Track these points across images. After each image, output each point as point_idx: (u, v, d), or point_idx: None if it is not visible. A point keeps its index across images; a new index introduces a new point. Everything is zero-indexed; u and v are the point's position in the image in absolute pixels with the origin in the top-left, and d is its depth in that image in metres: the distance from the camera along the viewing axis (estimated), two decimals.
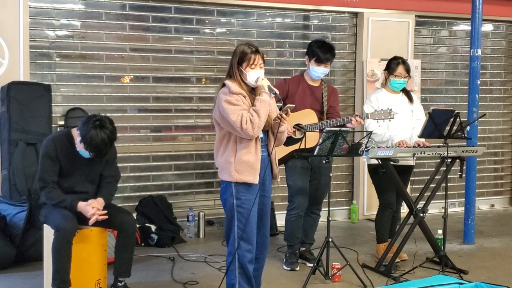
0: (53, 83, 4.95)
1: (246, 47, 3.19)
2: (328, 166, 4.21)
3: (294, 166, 4.25)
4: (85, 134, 3.40)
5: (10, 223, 4.30)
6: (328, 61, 4.25)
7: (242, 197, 3.16)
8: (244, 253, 3.19)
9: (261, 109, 3.07)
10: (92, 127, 3.39)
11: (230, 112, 3.07)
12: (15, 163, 4.46)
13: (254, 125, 3.04)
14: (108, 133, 3.41)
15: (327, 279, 3.99)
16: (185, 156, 5.55)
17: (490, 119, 6.66)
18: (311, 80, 4.32)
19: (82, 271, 3.57)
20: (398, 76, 4.38)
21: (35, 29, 4.91)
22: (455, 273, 4.14)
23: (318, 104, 4.28)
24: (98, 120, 3.42)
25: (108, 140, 3.42)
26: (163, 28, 5.40)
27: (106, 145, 3.43)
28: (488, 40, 6.71)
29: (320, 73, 4.26)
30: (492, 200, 6.86)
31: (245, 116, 3.04)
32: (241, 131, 3.06)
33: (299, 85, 4.28)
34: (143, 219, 5.03)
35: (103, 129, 3.40)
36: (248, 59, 3.16)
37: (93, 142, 3.38)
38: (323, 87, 4.33)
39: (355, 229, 5.69)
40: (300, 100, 4.19)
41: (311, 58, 4.24)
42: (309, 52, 4.27)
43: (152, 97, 5.39)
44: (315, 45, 4.26)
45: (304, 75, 4.36)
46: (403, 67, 4.38)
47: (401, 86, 4.43)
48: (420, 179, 5.50)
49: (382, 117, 4.08)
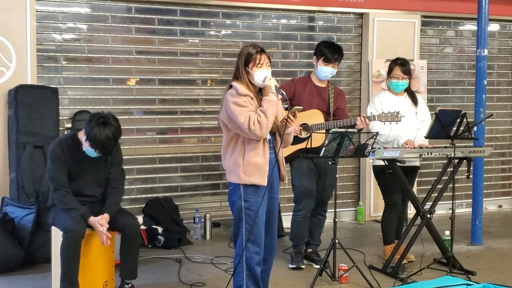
0: (60, 86, 4.98)
1: (251, 48, 3.20)
2: (333, 167, 4.21)
3: (300, 167, 4.25)
4: (89, 132, 3.44)
5: (18, 225, 4.32)
6: (336, 61, 4.25)
7: (251, 199, 3.16)
8: (252, 255, 3.19)
9: (268, 109, 3.07)
10: (96, 124, 3.43)
11: (238, 114, 3.07)
12: (23, 165, 4.49)
13: (262, 125, 3.04)
14: (112, 130, 3.46)
15: (334, 281, 3.99)
16: (191, 158, 5.56)
17: (497, 119, 6.62)
18: (318, 81, 4.32)
19: (90, 273, 3.58)
20: (395, 78, 4.37)
21: (42, 32, 4.94)
22: (463, 274, 4.12)
23: (325, 105, 4.28)
24: (101, 117, 3.47)
25: (113, 136, 3.46)
26: (168, 30, 5.41)
27: (111, 141, 3.46)
28: (494, 40, 6.67)
29: (328, 73, 4.26)
30: (500, 200, 6.81)
31: (253, 117, 3.04)
32: (249, 132, 3.06)
33: (306, 86, 4.28)
34: (150, 221, 5.04)
35: (107, 126, 3.44)
36: (254, 59, 3.17)
37: (97, 139, 3.42)
38: (330, 89, 4.33)
39: (361, 231, 5.67)
40: (307, 101, 4.20)
41: (319, 58, 4.25)
42: (318, 52, 4.28)
43: (158, 99, 5.41)
44: (324, 45, 4.27)
45: (311, 76, 4.36)
46: (400, 68, 4.36)
47: (399, 87, 4.40)
48: (427, 180, 5.48)
49: (389, 119, 4.08)
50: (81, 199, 3.62)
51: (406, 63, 4.40)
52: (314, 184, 4.31)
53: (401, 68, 4.36)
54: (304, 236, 4.38)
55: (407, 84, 4.42)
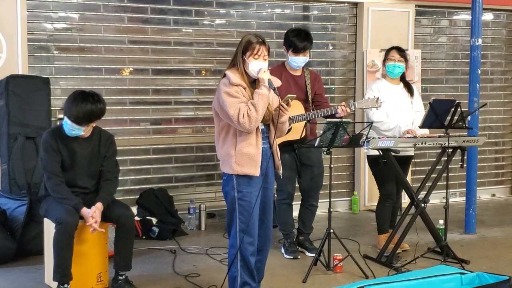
0: (52, 76, 4.93)
1: (253, 37, 3.17)
2: (318, 155, 4.21)
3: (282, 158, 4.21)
4: (69, 107, 3.45)
5: (10, 217, 4.29)
6: (306, 49, 4.18)
7: (244, 190, 3.15)
8: (246, 246, 3.19)
9: (259, 103, 3.05)
10: (73, 98, 3.47)
11: (229, 105, 3.05)
12: (15, 157, 4.45)
13: (251, 119, 3.02)
14: (90, 98, 3.48)
15: (329, 270, 3.99)
16: (185, 149, 5.54)
17: (491, 109, 6.63)
18: (292, 70, 4.28)
19: (83, 265, 3.57)
20: (391, 60, 4.36)
21: (33, 22, 4.88)
22: (457, 263, 4.14)
23: (303, 93, 4.25)
24: (78, 91, 3.52)
25: (91, 97, 3.48)
26: (162, 20, 5.36)
27: (91, 106, 3.46)
28: (488, 29, 6.66)
29: (300, 63, 4.22)
30: (493, 189, 6.85)
31: (243, 110, 3.03)
32: (238, 125, 3.05)
33: (281, 76, 4.18)
34: (144, 212, 5.03)
35: (86, 97, 3.47)
36: (252, 49, 3.13)
37: (77, 109, 3.42)
38: (305, 75, 4.29)
39: (356, 220, 5.69)
40: (284, 91, 4.10)
41: (288, 49, 4.20)
42: (286, 42, 4.22)
43: (152, 89, 5.37)
44: (291, 35, 4.20)
45: (285, 65, 4.32)
46: (396, 51, 4.37)
47: (395, 69, 4.37)
48: (421, 169, 5.48)
49: (370, 105, 4.08)
50: (74, 190, 3.59)
51: (403, 49, 4.42)
52: (295, 174, 4.37)
53: (398, 51, 4.36)
54: (292, 222, 4.43)
55: (403, 68, 4.39)
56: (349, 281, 3.81)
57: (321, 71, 5.74)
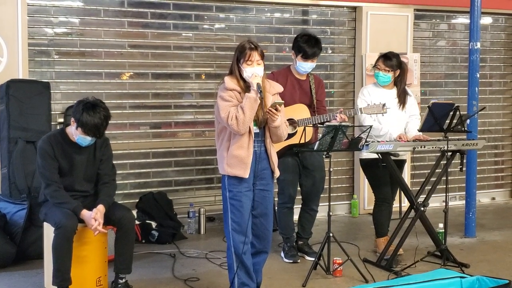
0: (52, 81, 4.94)
1: (246, 44, 3.27)
2: (320, 161, 4.22)
3: (285, 162, 4.25)
4: (79, 117, 3.43)
5: (10, 221, 4.30)
6: (315, 55, 4.21)
7: (234, 189, 3.26)
8: (238, 245, 3.27)
9: (246, 105, 3.14)
10: (84, 109, 3.44)
11: (221, 108, 3.19)
12: (15, 161, 4.45)
13: (239, 121, 3.12)
14: (102, 111, 3.47)
15: (329, 274, 3.99)
16: (185, 152, 5.55)
17: (490, 112, 6.65)
18: (298, 74, 4.30)
19: (83, 269, 3.57)
20: (378, 69, 4.36)
21: (34, 26, 4.90)
22: (457, 267, 4.14)
23: (307, 97, 4.28)
24: (88, 102, 3.49)
25: (104, 117, 3.47)
26: (161, 24, 5.38)
27: (103, 123, 3.47)
28: (487, 33, 6.68)
29: (307, 68, 4.24)
30: (493, 193, 6.85)
31: (232, 112, 3.15)
32: (228, 127, 3.18)
33: (287, 79, 4.24)
34: (144, 216, 5.03)
35: (96, 109, 3.45)
36: (244, 55, 3.23)
37: (89, 122, 3.41)
38: (310, 80, 4.31)
39: (355, 224, 5.69)
40: (289, 95, 4.16)
41: (297, 54, 4.21)
42: (295, 47, 4.23)
43: (152, 93, 5.38)
44: (301, 40, 4.21)
45: (291, 68, 4.34)
46: (382, 60, 4.32)
47: (379, 79, 4.35)
48: (421, 173, 5.49)
49: (375, 111, 4.09)
50: (73, 194, 3.59)
51: (392, 57, 4.33)
52: (297, 178, 4.36)
53: (384, 60, 4.33)
54: (292, 226, 4.44)
55: (388, 78, 4.33)
56: (349, 285, 3.81)
57: (320, 74, 5.74)
